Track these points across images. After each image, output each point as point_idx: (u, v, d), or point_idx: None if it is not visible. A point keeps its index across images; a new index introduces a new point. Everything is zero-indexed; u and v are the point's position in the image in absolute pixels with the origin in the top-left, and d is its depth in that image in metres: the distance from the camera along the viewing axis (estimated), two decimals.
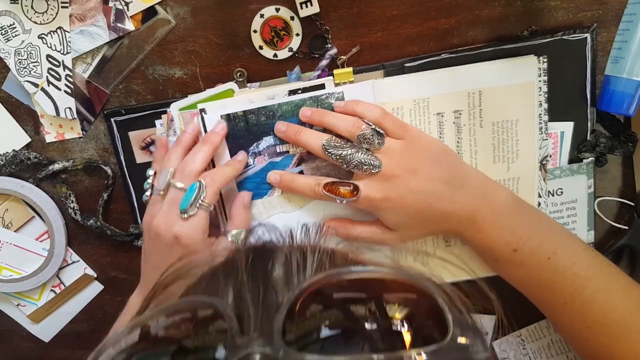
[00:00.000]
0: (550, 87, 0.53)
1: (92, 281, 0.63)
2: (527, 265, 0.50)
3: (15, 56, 0.54)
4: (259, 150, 0.52)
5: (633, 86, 0.50)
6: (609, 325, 0.48)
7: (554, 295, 0.50)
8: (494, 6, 0.53)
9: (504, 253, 0.50)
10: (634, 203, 0.58)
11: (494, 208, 0.50)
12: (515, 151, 0.54)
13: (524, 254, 0.49)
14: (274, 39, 0.54)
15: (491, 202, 0.50)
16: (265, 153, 0.52)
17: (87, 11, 0.53)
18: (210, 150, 0.50)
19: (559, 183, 0.56)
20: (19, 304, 0.63)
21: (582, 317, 0.49)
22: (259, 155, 0.52)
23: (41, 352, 0.65)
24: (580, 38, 0.52)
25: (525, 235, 0.49)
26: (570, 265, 0.49)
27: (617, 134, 0.55)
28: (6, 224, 0.60)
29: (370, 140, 0.48)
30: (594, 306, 0.49)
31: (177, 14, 0.53)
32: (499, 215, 0.50)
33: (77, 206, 0.59)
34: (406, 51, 0.54)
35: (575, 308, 0.49)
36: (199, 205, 0.47)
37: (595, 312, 0.49)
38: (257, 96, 0.51)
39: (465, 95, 0.52)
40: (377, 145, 0.48)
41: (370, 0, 0.53)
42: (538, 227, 0.50)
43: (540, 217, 0.52)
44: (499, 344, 0.64)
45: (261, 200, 0.53)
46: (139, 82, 0.56)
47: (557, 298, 0.50)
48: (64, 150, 0.58)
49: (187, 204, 0.46)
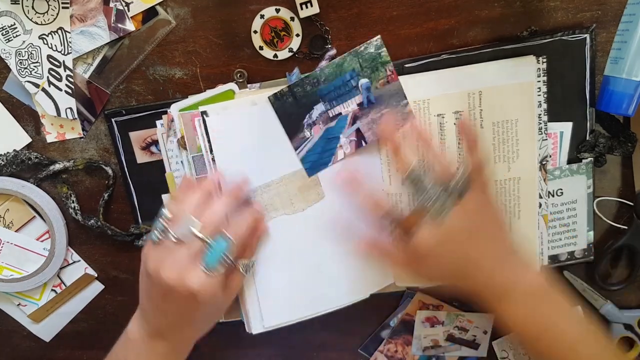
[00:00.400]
0: (550, 88, 0.53)
1: (93, 281, 0.63)
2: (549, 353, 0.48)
3: (16, 56, 0.54)
4: (313, 120, 0.52)
5: (632, 86, 0.50)
6: None
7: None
8: (494, 7, 0.53)
9: (526, 338, 0.49)
10: (633, 203, 0.58)
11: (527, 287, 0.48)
12: (516, 151, 0.54)
13: (545, 342, 0.48)
14: (274, 39, 0.54)
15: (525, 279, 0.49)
16: (319, 121, 0.52)
17: (88, 12, 0.53)
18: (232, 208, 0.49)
19: (559, 183, 0.57)
20: (20, 303, 0.63)
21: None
22: (314, 125, 0.52)
23: (42, 351, 0.65)
24: (579, 38, 0.52)
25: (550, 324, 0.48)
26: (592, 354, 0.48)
27: (617, 134, 0.55)
28: (7, 224, 0.60)
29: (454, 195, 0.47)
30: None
31: (178, 14, 0.54)
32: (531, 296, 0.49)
33: (77, 206, 0.59)
34: (406, 52, 0.54)
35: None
36: (226, 263, 0.46)
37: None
38: (259, 98, 0.51)
39: (465, 96, 0.53)
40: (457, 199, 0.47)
41: (370, 1, 0.53)
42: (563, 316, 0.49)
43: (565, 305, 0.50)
44: (499, 343, 0.64)
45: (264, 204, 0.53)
46: (139, 83, 0.56)
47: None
48: (64, 150, 0.58)
49: (215, 262, 0.46)
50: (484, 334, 0.63)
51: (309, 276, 0.55)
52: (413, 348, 0.65)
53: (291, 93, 0.51)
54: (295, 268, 0.55)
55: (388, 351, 0.65)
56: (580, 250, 0.59)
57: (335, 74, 0.51)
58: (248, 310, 0.55)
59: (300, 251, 0.55)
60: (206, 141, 0.52)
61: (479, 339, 0.64)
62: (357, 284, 0.57)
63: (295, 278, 0.55)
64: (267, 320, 0.55)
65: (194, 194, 0.48)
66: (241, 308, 0.56)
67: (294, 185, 0.53)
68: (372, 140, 0.53)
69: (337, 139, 0.53)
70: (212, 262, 0.45)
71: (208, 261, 0.45)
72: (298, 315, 0.56)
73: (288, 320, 0.55)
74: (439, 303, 0.63)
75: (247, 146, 0.52)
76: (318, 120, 0.52)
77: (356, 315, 0.63)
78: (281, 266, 0.55)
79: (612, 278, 0.61)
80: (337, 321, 0.63)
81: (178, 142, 0.55)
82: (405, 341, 0.64)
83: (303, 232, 0.54)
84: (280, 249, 0.54)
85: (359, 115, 0.53)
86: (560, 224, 0.58)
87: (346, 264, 0.56)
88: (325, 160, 0.53)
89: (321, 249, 0.55)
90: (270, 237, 0.54)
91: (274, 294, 0.55)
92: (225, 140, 0.52)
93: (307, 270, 0.55)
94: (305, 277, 0.55)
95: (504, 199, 0.55)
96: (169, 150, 0.56)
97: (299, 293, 0.55)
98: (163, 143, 0.56)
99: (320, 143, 0.52)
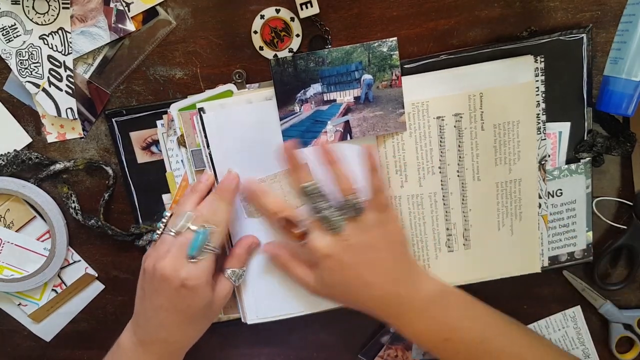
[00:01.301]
0: (548, 87, 0.53)
1: (93, 281, 0.63)
2: (460, 351, 0.50)
3: (17, 57, 0.54)
4: (306, 98, 0.52)
5: (632, 87, 0.51)
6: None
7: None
8: (493, 7, 0.53)
9: (435, 342, 0.51)
10: (632, 203, 0.58)
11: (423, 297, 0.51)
12: (517, 152, 0.54)
13: (456, 342, 0.50)
14: (274, 39, 0.54)
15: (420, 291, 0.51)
16: (312, 100, 0.52)
17: (88, 12, 0.53)
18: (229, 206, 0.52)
19: (559, 184, 0.57)
20: (20, 303, 0.63)
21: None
22: (305, 102, 0.52)
23: (42, 351, 0.65)
24: (576, 38, 0.53)
25: (458, 323, 0.51)
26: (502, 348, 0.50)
27: (616, 134, 0.56)
28: (7, 224, 0.60)
29: (350, 210, 0.50)
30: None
31: (178, 14, 0.54)
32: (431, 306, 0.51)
33: (78, 206, 0.59)
34: (406, 52, 0.54)
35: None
36: (208, 251, 0.49)
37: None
38: (256, 96, 0.51)
39: (465, 98, 0.53)
40: (353, 214, 0.50)
41: (370, 2, 0.53)
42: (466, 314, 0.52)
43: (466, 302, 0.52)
44: None
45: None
46: (139, 83, 0.56)
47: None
48: (65, 150, 0.58)
49: (196, 250, 0.49)
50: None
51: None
52: (413, 353, 0.64)
53: (293, 63, 0.51)
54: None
55: (388, 356, 0.65)
56: (580, 250, 0.59)
57: (342, 60, 0.51)
58: (243, 300, 0.56)
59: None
60: (203, 137, 0.53)
61: None
62: None
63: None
64: (261, 312, 0.56)
65: (190, 196, 0.53)
66: (237, 300, 0.57)
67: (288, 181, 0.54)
68: (357, 136, 0.53)
69: (324, 124, 0.52)
70: (193, 250, 0.49)
71: (190, 250, 0.49)
72: (292, 310, 0.57)
73: (282, 314, 0.56)
74: None
75: (243, 143, 0.53)
76: (311, 99, 0.52)
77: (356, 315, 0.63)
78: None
79: (611, 278, 0.62)
80: (337, 321, 0.63)
81: (178, 140, 0.55)
82: (405, 346, 0.64)
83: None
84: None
85: (352, 109, 0.52)
86: (559, 225, 0.58)
87: None
88: (306, 141, 0.53)
89: None
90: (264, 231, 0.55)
91: (268, 285, 0.56)
92: (222, 137, 0.53)
93: None
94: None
95: (505, 201, 0.56)
96: (169, 150, 0.56)
97: (293, 286, 0.56)
98: (163, 143, 0.56)
99: (307, 122, 0.52)
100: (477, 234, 0.55)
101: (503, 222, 0.56)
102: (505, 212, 0.56)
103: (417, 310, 0.50)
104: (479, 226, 0.56)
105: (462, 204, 0.55)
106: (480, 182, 0.55)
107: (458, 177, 0.55)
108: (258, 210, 0.55)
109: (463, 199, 0.55)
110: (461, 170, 0.54)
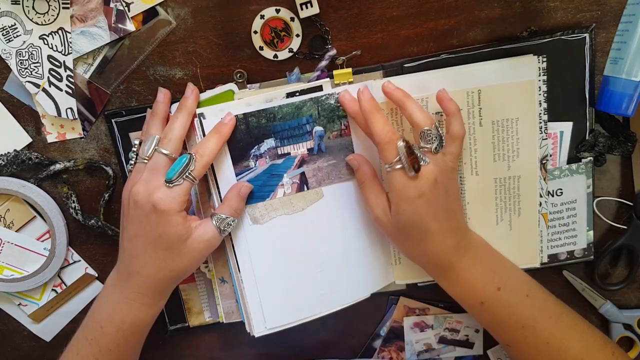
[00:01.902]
0: (549, 87, 0.53)
1: (93, 281, 0.63)
2: (512, 304, 0.50)
3: (17, 57, 0.54)
4: (260, 153, 0.52)
5: (632, 87, 0.51)
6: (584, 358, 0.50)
7: (536, 335, 0.50)
8: (493, 7, 0.53)
9: (489, 292, 0.50)
10: (632, 203, 0.58)
11: (477, 248, 0.52)
12: (516, 149, 0.54)
13: (507, 292, 0.50)
14: (274, 39, 0.54)
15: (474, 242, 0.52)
16: (266, 155, 0.52)
17: (88, 12, 0.53)
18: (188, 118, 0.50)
19: (559, 183, 0.57)
20: (20, 303, 0.63)
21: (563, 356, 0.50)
22: (260, 157, 0.52)
23: (42, 351, 0.65)
24: (578, 38, 0.53)
25: (505, 274, 0.51)
26: (544, 301, 0.51)
27: (616, 134, 0.56)
28: (7, 224, 0.60)
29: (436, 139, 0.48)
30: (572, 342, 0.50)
31: (178, 14, 0.54)
32: (482, 255, 0.52)
33: (78, 206, 0.59)
34: (406, 52, 0.54)
35: (555, 346, 0.50)
36: (186, 177, 0.48)
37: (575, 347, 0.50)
38: (255, 99, 0.51)
39: (464, 94, 0.53)
40: (435, 150, 0.48)
41: (370, 2, 0.53)
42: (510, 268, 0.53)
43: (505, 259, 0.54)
44: (495, 352, 0.64)
45: (263, 203, 0.53)
46: (140, 83, 0.56)
47: (539, 337, 0.50)
48: (65, 150, 0.58)
49: (175, 174, 0.47)
50: (476, 332, 0.63)
51: (309, 276, 0.55)
52: (407, 354, 0.64)
53: (245, 121, 0.51)
54: (295, 268, 0.55)
55: (383, 359, 0.65)
56: (580, 249, 0.59)
57: (293, 115, 0.52)
58: (250, 313, 0.55)
59: (299, 251, 0.55)
60: None
61: (472, 337, 0.64)
62: (357, 283, 0.57)
63: (296, 278, 0.55)
64: (270, 322, 0.55)
65: (153, 119, 0.52)
66: (242, 310, 0.56)
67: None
68: (313, 186, 0.54)
69: (280, 177, 0.53)
70: (171, 174, 0.47)
71: (168, 173, 0.48)
72: (300, 317, 0.56)
73: (290, 322, 0.55)
74: (425, 306, 0.63)
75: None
76: (266, 154, 0.52)
77: (356, 315, 0.63)
78: (281, 267, 0.55)
79: (611, 278, 0.62)
80: (337, 321, 0.63)
81: None
82: (398, 347, 0.64)
83: (302, 232, 0.54)
84: (280, 249, 0.54)
85: (306, 160, 0.53)
86: (559, 224, 0.58)
87: (346, 264, 0.56)
88: (264, 195, 0.53)
89: (321, 248, 0.55)
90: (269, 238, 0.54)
91: (275, 294, 0.55)
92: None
93: (307, 271, 0.55)
94: (306, 277, 0.55)
95: (504, 197, 0.56)
96: None
97: (299, 293, 0.55)
98: None
99: (263, 176, 0.52)
100: (475, 227, 0.55)
101: (501, 216, 0.56)
102: (504, 207, 0.56)
103: (471, 258, 0.51)
104: (476, 219, 0.56)
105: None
106: (478, 177, 0.55)
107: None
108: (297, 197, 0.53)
109: (461, 192, 0.55)
110: (459, 164, 0.54)
